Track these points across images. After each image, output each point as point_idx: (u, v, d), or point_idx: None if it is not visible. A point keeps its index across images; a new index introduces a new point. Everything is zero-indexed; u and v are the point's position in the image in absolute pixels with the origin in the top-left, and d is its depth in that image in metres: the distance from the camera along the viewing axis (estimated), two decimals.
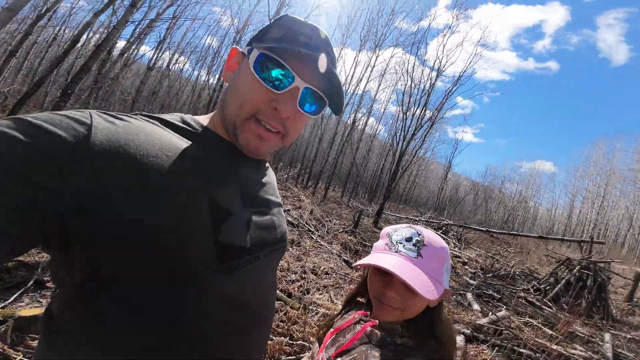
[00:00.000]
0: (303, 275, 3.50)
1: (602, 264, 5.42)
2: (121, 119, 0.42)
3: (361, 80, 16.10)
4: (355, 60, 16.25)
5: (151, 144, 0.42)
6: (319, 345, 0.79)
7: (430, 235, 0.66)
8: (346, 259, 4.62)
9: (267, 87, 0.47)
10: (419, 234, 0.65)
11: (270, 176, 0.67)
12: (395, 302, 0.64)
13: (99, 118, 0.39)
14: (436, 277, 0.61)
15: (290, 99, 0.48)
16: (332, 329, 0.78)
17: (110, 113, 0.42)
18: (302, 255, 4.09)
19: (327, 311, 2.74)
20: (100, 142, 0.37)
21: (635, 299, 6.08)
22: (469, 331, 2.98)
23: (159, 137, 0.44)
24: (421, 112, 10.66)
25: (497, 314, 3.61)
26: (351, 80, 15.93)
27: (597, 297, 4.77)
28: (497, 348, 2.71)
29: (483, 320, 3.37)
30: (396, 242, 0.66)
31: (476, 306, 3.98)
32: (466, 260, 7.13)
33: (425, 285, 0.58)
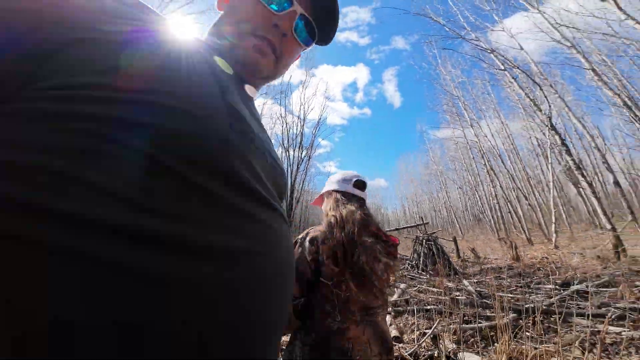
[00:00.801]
0: None
1: (434, 234, 7.46)
2: None
3: None
4: None
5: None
6: None
7: (332, 177, 1.22)
8: None
9: (268, 7, 0.46)
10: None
11: None
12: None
13: None
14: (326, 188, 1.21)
15: (288, 20, 0.48)
16: None
17: None
18: None
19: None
20: None
21: (461, 257, 8.54)
22: (390, 309, 3.31)
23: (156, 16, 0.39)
24: (299, 150, 11.92)
25: (400, 287, 4.22)
26: None
27: (444, 259, 6.43)
28: (414, 312, 3.14)
29: (394, 297, 3.86)
30: None
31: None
32: None
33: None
